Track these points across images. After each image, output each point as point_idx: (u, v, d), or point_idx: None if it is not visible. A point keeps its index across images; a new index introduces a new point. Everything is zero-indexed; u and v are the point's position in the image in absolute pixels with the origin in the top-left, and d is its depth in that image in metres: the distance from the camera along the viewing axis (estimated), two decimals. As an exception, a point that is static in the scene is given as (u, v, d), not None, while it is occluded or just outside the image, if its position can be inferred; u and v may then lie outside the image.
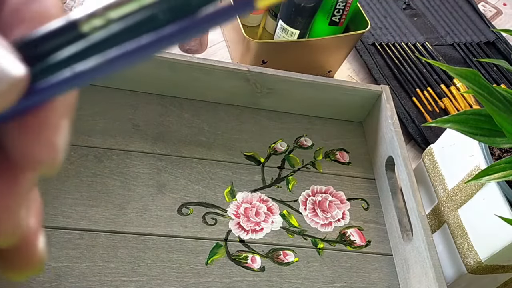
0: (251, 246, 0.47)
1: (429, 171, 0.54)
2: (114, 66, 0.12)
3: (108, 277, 0.42)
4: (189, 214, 0.48)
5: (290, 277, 0.46)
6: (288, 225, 0.50)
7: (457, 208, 0.49)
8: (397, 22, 0.81)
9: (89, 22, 0.12)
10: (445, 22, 0.85)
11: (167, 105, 0.55)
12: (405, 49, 0.77)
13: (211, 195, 0.49)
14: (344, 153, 0.58)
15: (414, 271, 0.47)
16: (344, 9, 0.62)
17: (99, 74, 0.12)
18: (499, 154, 0.48)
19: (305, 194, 0.53)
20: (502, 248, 0.43)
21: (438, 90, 0.72)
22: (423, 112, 0.69)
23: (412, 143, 0.67)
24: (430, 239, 0.46)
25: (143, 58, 0.12)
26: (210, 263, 0.45)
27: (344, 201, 0.53)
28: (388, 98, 0.57)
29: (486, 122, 0.42)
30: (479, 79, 0.40)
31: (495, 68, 0.79)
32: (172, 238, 0.46)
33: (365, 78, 0.73)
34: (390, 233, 0.52)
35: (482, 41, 0.83)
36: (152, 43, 0.12)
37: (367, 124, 0.60)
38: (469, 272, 0.47)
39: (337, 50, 0.66)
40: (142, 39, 0.12)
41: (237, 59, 0.65)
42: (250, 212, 0.50)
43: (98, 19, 0.12)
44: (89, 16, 0.12)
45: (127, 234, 0.45)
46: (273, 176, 0.53)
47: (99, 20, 0.12)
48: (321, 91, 0.56)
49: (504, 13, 0.94)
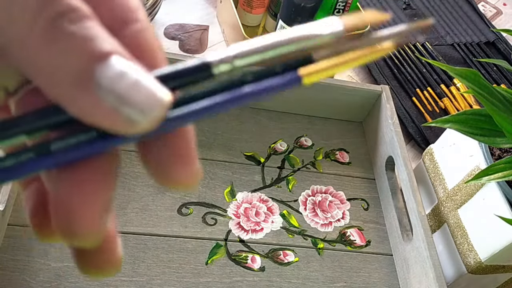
0: (251, 246, 0.47)
1: (429, 171, 0.54)
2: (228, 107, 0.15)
3: (108, 277, 0.42)
4: (189, 214, 0.48)
5: (290, 277, 0.46)
6: (288, 225, 0.50)
7: (457, 208, 0.49)
8: (397, 22, 0.81)
9: (219, 66, 0.14)
10: (445, 22, 0.85)
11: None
12: (405, 49, 0.77)
13: (211, 195, 0.49)
14: (344, 153, 0.58)
15: (414, 271, 0.47)
16: (344, 9, 0.62)
17: (218, 111, 0.15)
18: (499, 154, 0.48)
19: (305, 194, 0.53)
20: (502, 248, 0.43)
21: (438, 90, 0.72)
22: (423, 112, 0.69)
23: (412, 143, 0.67)
24: (430, 239, 0.46)
25: (244, 104, 0.15)
26: (210, 263, 0.45)
27: (344, 201, 0.53)
28: (388, 98, 0.57)
29: (486, 122, 0.42)
30: (479, 79, 0.40)
31: (495, 68, 0.79)
32: (172, 238, 0.46)
33: (365, 78, 0.73)
34: (390, 233, 0.52)
35: (482, 41, 0.83)
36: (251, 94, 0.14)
37: (367, 124, 0.60)
38: (469, 272, 0.47)
39: (337, 50, 0.66)
40: (246, 88, 0.14)
41: (237, 59, 0.65)
42: (250, 212, 0.50)
43: (226, 64, 0.14)
44: (220, 61, 0.14)
45: (127, 234, 0.45)
46: (273, 176, 0.53)
47: (227, 65, 0.14)
48: (321, 91, 0.56)
49: (504, 13, 0.94)
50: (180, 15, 0.71)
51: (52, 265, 0.41)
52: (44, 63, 0.13)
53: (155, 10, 0.66)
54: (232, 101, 0.14)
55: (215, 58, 0.14)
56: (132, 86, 0.13)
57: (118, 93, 0.13)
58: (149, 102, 0.13)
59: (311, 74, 0.14)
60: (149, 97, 0.13)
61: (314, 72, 0.14)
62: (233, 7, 0.63)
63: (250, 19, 0.69)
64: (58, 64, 0.13)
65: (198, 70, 0.15)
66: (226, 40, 0.69)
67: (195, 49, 0.68)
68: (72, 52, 0.13)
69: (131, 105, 0.13)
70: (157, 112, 0.13)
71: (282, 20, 0.63)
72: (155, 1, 0.65)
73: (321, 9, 0.63)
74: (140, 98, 0.13)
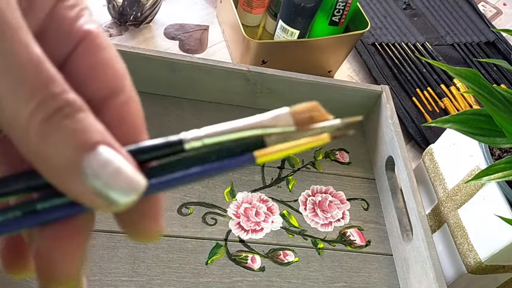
0: (251, 246, 0.47)
1: (429, 171, 0.54)
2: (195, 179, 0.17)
3: (108, 277, 0.42)
4: (189, 214, 0.48)
5: (290, 277, 0.46)
6: (288, 225, 0.50)
7: (457, 208, 0.49)
8: (397, 22, 0.81)
9: (190, 143, 0.17)
10: (445, 22, 0.85)
11: (167, 105, 0.55)
12: (405, 49, 0.77)
13: (211, 195, 0.50)
14: (344, 153, 0.58)
15: (414, 271, 0.47)
16: (344, 9, 0.62)
17: (186, 183, 0.17)
18: (499, 154, 0.48)
19: (305, 194, 0.53)
20: (502, 248, 0.43)
21: (438, 90, 0.72)
22: (423, 112, 0.69)
23: (412, 143, 0.67)
24: (430, 239, 0.46)
25: (209, 177, 0.17)
26: (210, 263, 0.45)
27: (344, 201, 0.53)
28: (388, 98, 0.57)
29: (486, 122, 0.42)
30: (479, 79, 0.40)
31: (495, 68, 0.79)
32: (172, 238, 0.46)
33: (365, 78, 0.73)
34: (390, 233, 0.52)
35: (482, 41, 0.83)
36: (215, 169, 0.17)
37: (367, 124, 0.60)
38: (469, 272, 0.47)
39: (337, 50, 0.66)
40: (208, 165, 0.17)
41: (237, 59, 0.65)
42: (250, 212, 0.50)
43: (197, 142, 0.17)
44: (192, 138, 0.17)
45: (127, 234, 0.45)
46: (273, 176, 0.53)
47: (197, 142, 0.17)
48: (321, 91, 0.56)
49: (504, 13, 0.94)
50: (180, 15, 0.71)
51: (52, 265, 0.41)
52: (36, 150, 0.15)
53: (155, 10, 0.66)
54: (199, 175, 0.17)
55: (188, 136, 0.17)
56: (113, 174, 0.15)
57: (101, 181, 0.15)
58: (128, 188, 0.15)
59: (263, 155, 0.17)
60: (128, 184, 0.15)
61: (265, 154, 0.17)
62: (233, 7, 0.63)
63: (250, 19, 0.69)
64: (49, 154, 0.15)
65: (172, 145, 0.17)
66: (226, 40, 0.69)
67: (195, 49, 0.68)
68: (63, 144, 0.15)
69: (112, 191, 0.15)
70: (134, 196, 0.15)
71: (282, 20, 0.63)
72: (155, 1, 0.65)
73: (321, 9, 0.63)
74: (120, 185, 0.15)
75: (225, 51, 0.69)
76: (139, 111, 0.18)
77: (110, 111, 0.17)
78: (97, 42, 0.18)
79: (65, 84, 0.15)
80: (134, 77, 0.19)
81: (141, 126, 0.18)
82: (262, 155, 0.17)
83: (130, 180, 0.15)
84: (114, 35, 0.65)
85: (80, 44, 0.17)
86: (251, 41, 0.60)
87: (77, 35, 0.17)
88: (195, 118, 0.55)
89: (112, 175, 0.15)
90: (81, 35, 0.17)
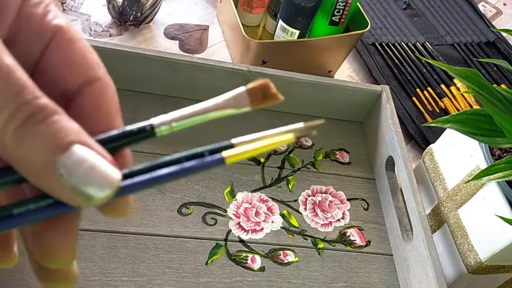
0: (251, 246, 0.47)
1: (429, 171, 0.54)
2: (167, 180, 0.18)
3: (108, 277, 0.42)
4: (189, 214, 0.48)
5: (290, 277, 0.46)
6: (288, 225, 0.50)
7: (457, 208, 0.49)
8: (397, 22, 0.81)
9: (160, 127, 0.18)
10: (445, 22, 0.85)
11: (167, 105, 0.55)
12: (405, 49, 0.77)
13: (211, 195, 0.49)
14: (344, 153, 0.58)
15: (414, 271, 0.47)
16: (344, 9, 0.62)
17: (159, 183, 0.18)
18: (499, 154, 0.48)
19: (305, 194, 0.53)
20: (502, 248, 0.43)
21: (438, 90, 0.72)
22: (423, 112, 0.69)
23: (412, 143, 0.67)
24: (430, 239, 0.46)
25: (181, 177, 0.18)
26: (210, 263, 0.45)
27: (344, 201, 0.53)
28: (388, 98, 0.57)
29: (486, 122, 0.42)
30: (479, 79, 0.40)
31: (495, 68, 0.79)
32: (172, 238, 0.46)
33: (365, 78, 0.73)
34: (390, 233, 0.52)
35: (482, 41, 0.83)
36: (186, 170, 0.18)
37: (367, 124, 0.60)
38: (469, 272, 0.47)
39: (337, 50, 0.66)
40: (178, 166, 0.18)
41: (237, 59, 0.65)
42: (250, 212, 0.50)
43: (166, 126, 0.18)
44: (161, 123, 0.18)
45: (127, 234, 0.45)
46: (273, 176, 0.53)
47: (166, 127, 0.18)
48: (321, 91, 0.56)
49: (504, 13, 0.94)
50: (180, 15, 0.71)
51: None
52: (13, 153, 0.16)
53: (155, 10, 0.66)
54: (170, 176, 0.18)
55: (157, 121, 0.18)
56: (88, 171, 0.16)
57: (76, 179, 0.16)
58: (103, 184, 0.16)
59: (231, 156, 0.18)
60: (102, 180, 0.16)
61: (233, 155, 0.18)
62: (233, 7, 0.63)
63: (250, 19, 0.69)
64: (25, 157, 0.16)
65: (144, 131, 0.18)
66: (226, 40, 0.69)
67: (195, 49, 0.68)
68: (37, 148, 0.16)
69: (87, 187, 0.16)
70: (109, 191, 0.16)
71: (282, 20, 0.63)
72: (155, 1, 0.65)
73: (321, 9, 0.63)
74: (95, 181, 0.16)
75: (225, 51, 0.69)
76: (114, 97, 0.19)
77: (85, 99, 0.18)
78: (68, 36, 0.18)
79: (37, 89, 0.16)
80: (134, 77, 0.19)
81: (115, 111, 0.19)
82: (230, 156, 0.18)
83: (105, 176, 0.16)
84: (114, 35, 0.65)
85: (52, 40, 0.18)
86: (251, 41, 0.60)
87: (48, 31, 0.18)
88: (195, 118, 0.54)
89: (86, 172, 0.16)
90: (52, 31, 0.18)
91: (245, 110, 0.19)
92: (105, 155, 0.17)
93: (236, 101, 0.19)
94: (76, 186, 0.16)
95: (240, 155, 0.19)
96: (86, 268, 0.42)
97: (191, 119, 0.19)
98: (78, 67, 0.18)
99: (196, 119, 0.19)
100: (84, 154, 0.16)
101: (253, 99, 0.19)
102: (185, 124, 0.18)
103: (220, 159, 0.18)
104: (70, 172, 0.16)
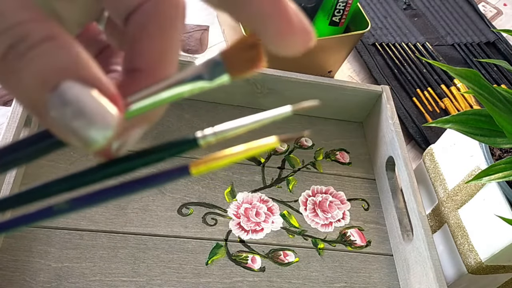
0: (251, 246, 0.47)
1: (430, 171, 0.54)
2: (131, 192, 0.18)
3: (108, 278, 0.42)
4: (189, 215, 0.48)
5: (290, 277, 0.46)
6: (289, 225, 0.50)
7: (457, 208, 0.49)
8: (397, 22, 0.81)
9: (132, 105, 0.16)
10: (445, 22, 0.85)
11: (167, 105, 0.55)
12: (406, 49, 0.77)
13: (211, 195, 0.49)
14: (345, 153, 0.58)
15: (415, 271, 0.47)
16: (344, 9, 0.62)
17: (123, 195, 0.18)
18: (500, 154, 0.48)
19: (305, 194, 0.53)
20: (502, 248, 0.43)
21: (438, 90, 0.72)
22: (423, 112, 0.69)
23: (413, 143, 0.67)
24: (430, 239, 0.46)
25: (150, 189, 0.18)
26: (210, 263, 0.45)
27: (344, 201, 0.53)
28: (389, 98, 0.57)
29: (486, 123, 0.42)
30: (479, 79, 0.40)
31: (496, 68, 0.79)
32: (172, 238, 0.46)
33: (366, 78, 0.73)
34: (390, 233, 0.52)
35: (483, 41, 0.83)
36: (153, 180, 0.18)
37: (367, 124, 0.60)
38: (470, 272, 0.47)
39: (338, 50, 0.66)
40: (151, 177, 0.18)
41: (237, 59, 0.65)
42: (250, 212, 0.49)
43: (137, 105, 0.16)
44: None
45: (127, 234, 0.45)
46: (274, 176, 0.53)
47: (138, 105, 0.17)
48: (321, 91, 0.56)
49: (504, 13, 0.94)
50: (181, 15, 0.71)
51: (52, 265, 0.41)
52: (7, 89, 0.14)
53: (155, 10, 0.66)
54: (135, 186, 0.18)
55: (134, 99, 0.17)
56: (77, 112, 0.14)
57: (66, 119, 0.14)
58: (101, 124, 0.14)
59: (197, 165, 0.17)
60: (98, 114, 0.14)
61: (199, 164, 0.17)
62: (233, 7, 0.63)
63: (251, 19, 0.69)
64: (16, 94, 0.14)
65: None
66: (226, 41, 0.69)
67: (195, 49, 0.68)
68: (23, 85, 0.14)
69: (82, 131, 0.14)
70: (110, 131, 0.14)
71: (282, 20, 0.63)
72: (156, 1, 0.65)
73: (321, 9, 0.63)
74: (91, 122, 0.14)
75: (226, 51, 0.69)
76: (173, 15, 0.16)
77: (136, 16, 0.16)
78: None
79: (25, 11, 0.14)
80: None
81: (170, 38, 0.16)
82: (196, 165, 0.17)
83: (101, 111, 0.14)
84: (114, 35, 0.65)
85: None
86: (252, 41, 0.59)
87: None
88: (195, 118, 0.55)
89: (75, 113, 0.14)
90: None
91: (222, 80, 0.17)
92: (105, 89, 0.14)
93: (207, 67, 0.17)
94: (71, 129, 0.14)
95: (206, 165, 0.17)
96: (86, 268, 0.42)
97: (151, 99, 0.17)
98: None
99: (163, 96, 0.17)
100: (74, 93, 0.14)
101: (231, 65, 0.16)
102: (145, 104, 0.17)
103: (186, 170, 0.17)
104: (60, 114, 0.14)
